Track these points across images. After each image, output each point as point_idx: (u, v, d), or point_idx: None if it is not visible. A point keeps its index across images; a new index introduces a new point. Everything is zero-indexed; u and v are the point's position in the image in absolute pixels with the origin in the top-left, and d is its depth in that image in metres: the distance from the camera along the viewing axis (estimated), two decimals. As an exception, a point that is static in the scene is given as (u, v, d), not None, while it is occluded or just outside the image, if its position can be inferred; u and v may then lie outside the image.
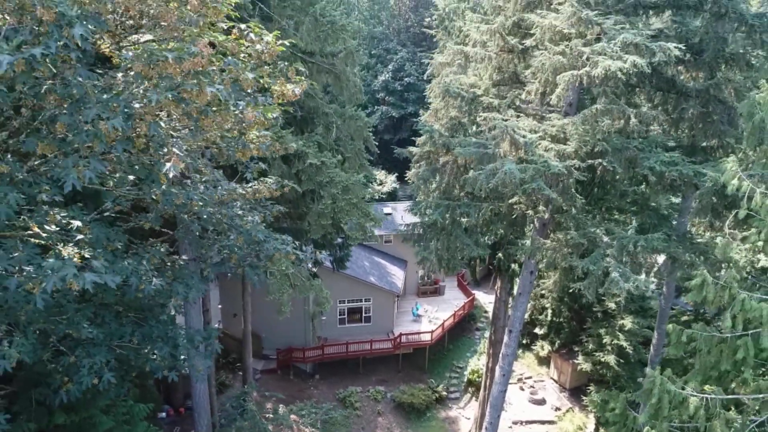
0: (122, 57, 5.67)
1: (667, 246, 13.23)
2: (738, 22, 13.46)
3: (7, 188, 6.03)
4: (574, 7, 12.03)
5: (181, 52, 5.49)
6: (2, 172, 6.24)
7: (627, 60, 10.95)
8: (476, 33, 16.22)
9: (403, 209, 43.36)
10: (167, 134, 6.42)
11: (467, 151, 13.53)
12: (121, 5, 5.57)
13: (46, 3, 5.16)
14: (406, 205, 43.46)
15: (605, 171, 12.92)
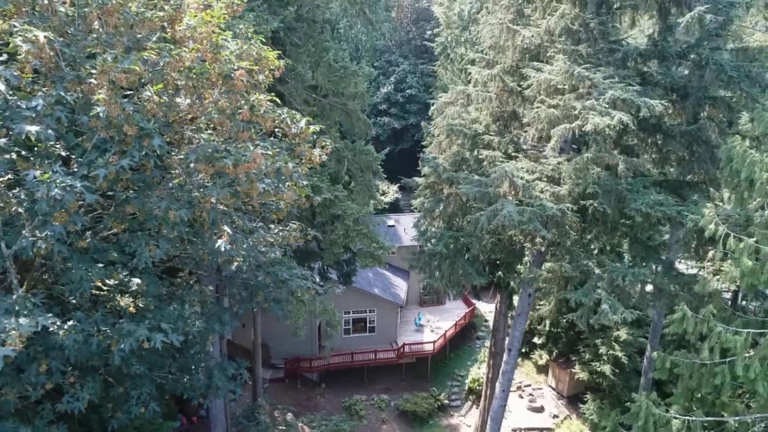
0: (187, 156, 6.87)
1: (654, 278, 14.46)
2: (718, 72, 14.65)
3: (89, 263, 7.24)
4: (566, 64, 13.24)
5: (239, 157, 6.70)
6: (83, 247, 7.45)
7: (615, 117, 12.17)
8: (478, 74, 17.44)
9: (406, 221, 44.64)
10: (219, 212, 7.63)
11: (470, 190, 14.74)
12: (188, 114, 6.77)
13: (130, 121, 6.37)
14: (409, 218, 44.74)
15: (596, 210, 14.14)
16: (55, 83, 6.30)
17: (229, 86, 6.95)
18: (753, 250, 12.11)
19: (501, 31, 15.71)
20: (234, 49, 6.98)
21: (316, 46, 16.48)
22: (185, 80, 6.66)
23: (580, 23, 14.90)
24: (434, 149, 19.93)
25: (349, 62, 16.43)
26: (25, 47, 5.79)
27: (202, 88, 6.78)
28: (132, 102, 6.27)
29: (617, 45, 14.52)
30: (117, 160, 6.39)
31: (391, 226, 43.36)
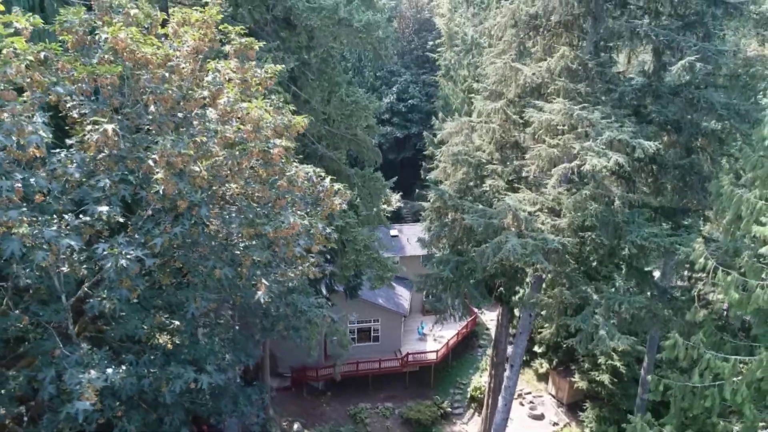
0: (228, 223, 7.77)
1: (648, 304, 15.37)
2: (709, 110, 15.56)
3: (142, 313, 8.14)
4: (565, 106, 14.15)
5: (278, 224, 7.60)
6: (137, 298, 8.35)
7: (611, 159, 13.08)
8: (482, 105, 18.36)
9: (409, 231, 45.54)
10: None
11: (475, 221, 15.64)
12: (230, 190, 7.69)
13: (183, 196, 7.27)
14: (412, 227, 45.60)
15: (594, 241, 15.05)
16: (118, 162, 7.19)
17: (267, 159, 7.86)
18: (740, 283, 13.01)
19: (504, 70, 16.61)
20: (270, 123, 7.87)
21: (329, 81, 17.39)
22: (230, 156, 7.57)
23: (578, 63, 15.81)
24: (440, 174, 20.84)
25: (360, 96, 17.35)
26: (95, 136, 6.68)
27: (244, 162, 7.70)
28: (183, 177, 7.16)
29: (614, 85, 15.43)
30: (170, 229, 7.28)
31: (395, 236, 44.24)
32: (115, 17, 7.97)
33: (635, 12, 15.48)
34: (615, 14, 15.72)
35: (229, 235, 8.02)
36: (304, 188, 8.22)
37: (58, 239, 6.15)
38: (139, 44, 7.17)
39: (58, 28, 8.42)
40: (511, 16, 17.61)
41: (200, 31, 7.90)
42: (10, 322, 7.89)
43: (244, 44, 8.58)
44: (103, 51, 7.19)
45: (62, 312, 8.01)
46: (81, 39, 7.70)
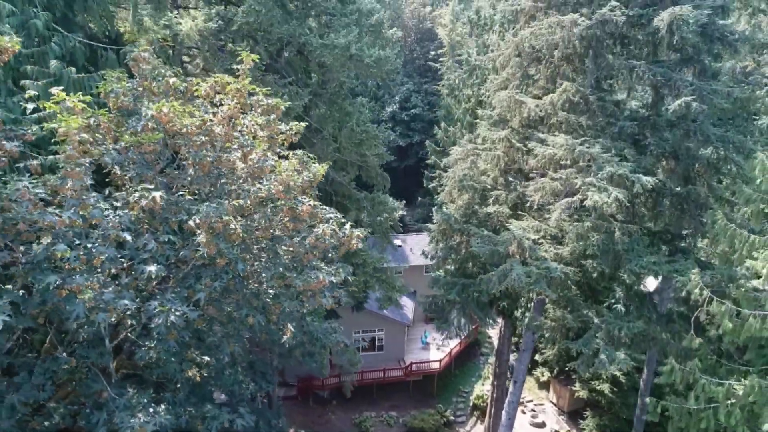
0: (260, 275, 8.48)
1: (647, 328, 16.09)
2: (705, 141, 16.25)
3: (179, 356, 8.85)
4: (567, 142, 14.87)
5: (307, 279, 8.30)
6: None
7: (611, 195, 13.80)
8: (486, 132, 19.07)
9: (412, 241, 46.24)
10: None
11: (481, 248, 16.35)
12: (261, 241, 8.40)
13: (222, 255, 7.97)
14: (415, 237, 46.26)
15: (595, 269, 15.76)
16: (162, 224, 7.89)
17: (296, 215, 8.56)
18: (734, 312, 13.72)
19: (509, 102, 17.32)
20: (298, 182, 8.60)
21: (340, 110, 18.11)
22: (263, 215, 8.28)
23: (580, 96, 16.51)
24: (446, 196, 21.55)
25: (370, 126, 18.08)
26: (144, 202, 7.38)
27: (275, 219, 8.40)
28: (221, 237, 7.87)
29: (614, 118, 16.14)
30: (211, 283, 7.98)
31: (399, 246, 44.91)
32: (155, 83, 8.69)
33: (635, 49, 16.16)
34: (615, 50, 16.42)
35: (261, 284, 8.73)
36: (328, 244, 8.94)
37: (116, 300, 6.85)
38: (180, 117, 7.88)
39: (103, 92, 9.15)
40: (515, 48, 18.33)
41: (234, 99, 8.62)
42: (60, 364, 8.60)
43: (271, 105, 9.29)
44: (146, 119, 7.90)
45: (106, 355, 8.72)
46: (125, 104, 8.42)
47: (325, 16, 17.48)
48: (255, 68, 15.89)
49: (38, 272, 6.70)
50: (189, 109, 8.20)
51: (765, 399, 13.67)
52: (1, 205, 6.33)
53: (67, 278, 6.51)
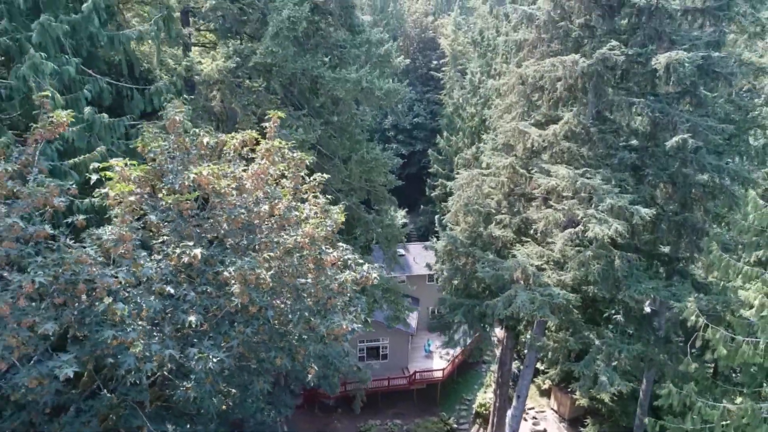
0: (287, 319, 9.20)
1: (645, 351, 16.81)
2: (701, 169, 16.95)
3: (212, 392, 9.55)
4: (569, 175, 15.59)
5: (331, 325, 9.03)
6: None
7: (612, 227, 14.52)
8: (490, 159, 19.79)
9: (415, 250, 46.98)
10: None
11: (487, 273, 17.08)
12: (288, 289, 9.14)
13: (254, 303, 8.69)
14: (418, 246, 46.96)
15: (596, 294, 16.49)
16: (199, 275, 8.61)
17: (320, 263, 9.29)
18: (728, 339, 14.44)
19: (513, 132, 18.04)
20: (322, 233, 9.33)
21: (350, 138, 18.84)
22: (290, 264, 9.01)
23: (581, 127, 17.24)
24: (451, 218, 22.29)
25: (378, 153, 18.81)
26: (185, 258, 8.10)
27: (301, 267, 9.14)
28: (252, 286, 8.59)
29: (614, 150, 16.86)
30: (243, 330, 8.70)
31: (402, 255, 45.59)
32: (188, 140, 9.44)
33: (634, 85, 16.87)
34: (615, 82, 17.13)
35: (287, 326, 9.44)
36: (350, 290, 9.66)
37: (161, 350, 7.56)
38: (217, 179, 8.60)
39: (140, 146, 9.89)
40: (518, 78, 19.05)
41: (264, 159, 9.36)
42: (103, 401, 9.33)
43: (295, 160, 10.03)
44: (188, 180, 8.63)
45: (144, 391, 9.45)
46: (162, 161, 9.16)
47: (336, 50, 18.20)
48: (270, 101, 16.65)
49: (95, 326, 7.42)
50: (223, 167, 8.93)
51: (757, 421, 14.40)
52: (63, 268, 7.05)
53: (121, 332, 7.23)
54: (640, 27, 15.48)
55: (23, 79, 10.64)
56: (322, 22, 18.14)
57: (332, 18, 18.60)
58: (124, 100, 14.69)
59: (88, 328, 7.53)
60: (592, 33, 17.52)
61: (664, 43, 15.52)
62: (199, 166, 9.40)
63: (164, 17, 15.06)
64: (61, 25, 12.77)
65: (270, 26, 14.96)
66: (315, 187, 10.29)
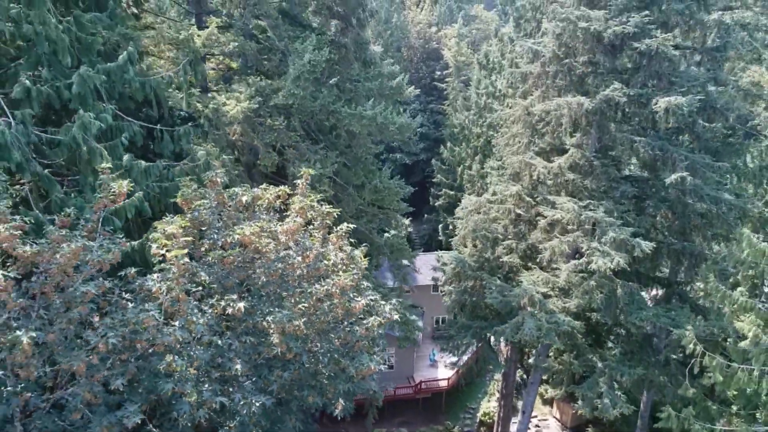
0: (318, 361, 10.09)
1: (646, 372, 17.70)
2: (699, 200, 17.77)
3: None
4: (574, 208, 16.48)
5: (360, 366, 9.91)
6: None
7: (614, 259, 15.41)
8: (497, 188, 20.68)
9: (419, 261, 47.82)
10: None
11: (495, 299, 17.97)
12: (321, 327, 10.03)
13: (291, 349, 9.57)
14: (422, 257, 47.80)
15: (598, 320, 17.37)
16: (241, 323, 9.50)
17: (348, 310, 10.17)
18: (724, 366, 15.32)
19: (520, 165, 18.94)
20: (350, 283, 10.21)
21: (364, 168, 19.73)
22: (321, 312, 9.90)
23: (585, 160, 18.13)
24: (459, 241, 23.17)
25: (391, 183, 19.71)
26: (230, 311, 8.98)
27: (332, 314, 10.03)
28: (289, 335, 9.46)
29: (616, 183, 17.74)
30: (281, 374, 9.58)
31: (407, 265, 46.46)
32: (228, 199, 10.36)
33: (635, 124, 17.75)
34: (617, 119, 18.00)
35: (318, 366, 10.32)
36: (377, 333, 10.55)
37: (213, 397, 8.43)
38: (258, 238, 9.50)
39: (180, 199, 10.77)
40: (524, 110, 19.94)
41: (298, 216, 10.26)
42: (150, 438, 10.18)
43: (323, 213, 10.95)
44: (231, 238, 9.54)
45: (189, 428, 10.33)
46: (205, 220, 10.06)
47: (351, 83, 19.08)
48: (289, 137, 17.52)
49: (153, 377, 8.31)
50: (261, 224, 9.81)
51: (752, 443, 15.29)
52: (128, 328, 7.92)
53: (179, 383, 8.10)
54: (641, 68, 16.36)
55: (73, 137, 11.49)
56: (338, 57, 19.04)
57: (347, 52, 19.50)
58: (153, 141, 15.55)
59: (147, 380, 8.42)
60: (595, 69, 18.39)
61: (664, 84, 16.41)
62: (236, 220, 10.32)
63: (191, 60, 15.97)
64: (98, 75, 13.64)
65: (291, 69, 15.83)
66: (342, 236, 11.18)
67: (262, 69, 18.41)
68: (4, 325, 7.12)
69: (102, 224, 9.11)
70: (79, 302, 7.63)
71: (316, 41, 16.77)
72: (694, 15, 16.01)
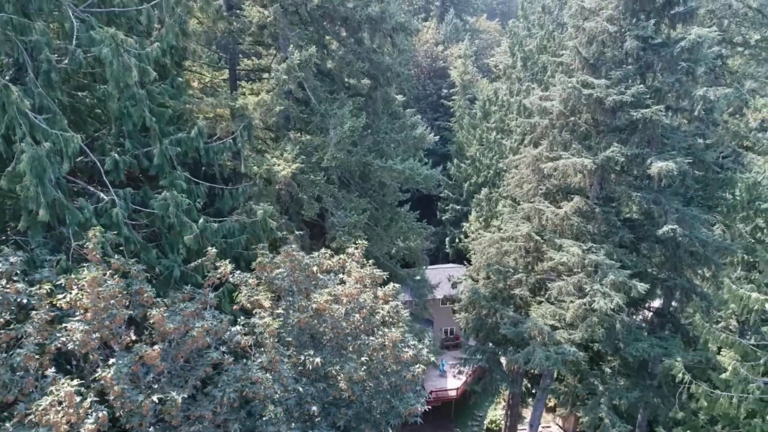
0: (375, 397, 12.47)
1: (642, 396, 20.12)
2: (690, 243, 20.14)
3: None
4: (579, 254, 18.88)
5: (408, 404, 12.28)
6: None
7: (613, 300, 17.81)
8: (508, 226, 23.09)
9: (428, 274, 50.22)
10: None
11: (508, 331, 20.38)
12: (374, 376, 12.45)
13: (354, 392, 11.97)
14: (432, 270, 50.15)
15: (600, 350, 19.78)
16: (314, 371, 11.91)
17: (398, 359, 12.54)
18: (708, 392, 17.72)
19: (530, 210, 21.34)
20: (400, 337, 12.60)
21: (391, 210, 22.16)
22: (377, 362, 12.31)
23: (588, 208, 20.53)
24: (473, 272, 25.58)
25: (414, 223, 22.15)
26: (309, 366, 11.38)
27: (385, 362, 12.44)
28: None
29: (615, 228, 20.14)
30: (346, 412, 11.96)
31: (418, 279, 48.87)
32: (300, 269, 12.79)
33: (632, 179, 20.16)
34: (616, 173, 20.42)
35: (372, 402, 12.68)
36: (420, 378, 12.92)
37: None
38: (330, 305, 11.89)
39: (258, 266, 13.16)
40: (533, 159, 22.33)
41: (357, 282, 12.68)
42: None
43: (375, 277, 13.38)
44: (308, 305, 11.95)
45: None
46: (282, 286, 12.49)
47: (380, 135, 21.48)
48: (329, 189, 19.87)
49: (265, 425, 10.65)
50: (329, 290, 12.18)
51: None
52: (242, 383, 10.29)
53: (277, 425, 10.47)
54: (637, 131, 18.75)
55: (166, 211, 13.86)
56: (369, 110, 21.45)
57: (376, 107, 21.91)
58: (215, 198, 17.93)
59: (250, 422, 10.77)
60: (597, 126, 20.79)
61: (657, 144, 18.80)
62: (307, 287, 12.74)
63: (246, 126, 18.36)
64: (174, 148, 16.02)
65: (332, 133, 18.23)
66: (389, 294, 13.56)
67: (302, 126, 20.79)
68: (155, 381, 9.49)
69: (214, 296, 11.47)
70: (208, 364, 10.01)
71: (353, 105, 19.19)
72: (684, 85, 18.38)
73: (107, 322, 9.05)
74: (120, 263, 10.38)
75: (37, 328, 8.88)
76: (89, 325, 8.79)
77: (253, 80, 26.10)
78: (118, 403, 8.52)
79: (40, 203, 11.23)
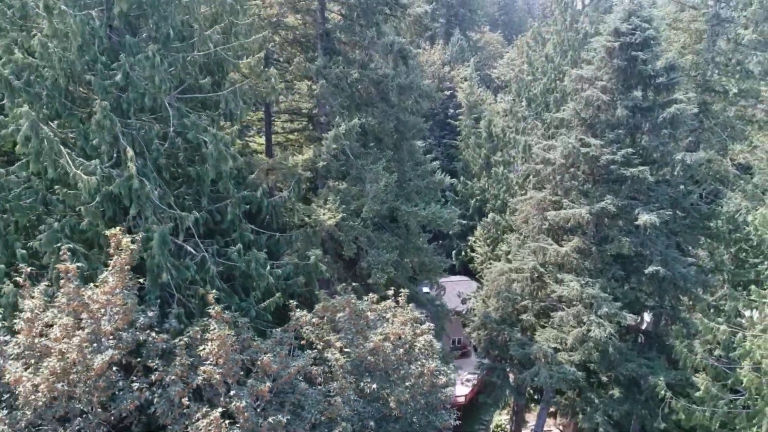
0: (415, 414, 15.90)
1: (632, 408, 23.58)
2: (673, 278, 23.54)
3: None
4: (578, 288, 22.30)
5: (442, 419, 15.65)
6: None
7: (606, 330, 21.24)
8: (516, 260, 26.56)
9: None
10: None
11: (517, 353, 23.83)
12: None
13: (399, 409, 15.38)
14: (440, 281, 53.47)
15: (596, 369, 23.22)
16: (371, 393, 15.31)
17: (434, 386, 15.93)
18: (686, 408, 21.11)
19: (535, 248, 24.80)
20: (435, 367, 16.00)
21: (414, 246, 25.59)
22: (417, 386, 15.72)
23: (585, 246, 23.96)
24: (485, 294, 29.05)
25: (433, 256, 25.62)
26: (367, 390, 14.76)
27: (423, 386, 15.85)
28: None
29: (608, 265, 23.58)
30: (395, 426, 15.36)
31: (427, 292, 52.30)
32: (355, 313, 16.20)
33: (623, 225, 23.59)
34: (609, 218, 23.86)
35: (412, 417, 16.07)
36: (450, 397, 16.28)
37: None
38: (383, 342, 15.30)
39: (320, 308, 16.59)
40: (537, 202, 25.79)
41: (401, 324, 16.12)
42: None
43: (416, 318, 16.80)
44: (365, 341, 15.36)
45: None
46: (343, 326, 15.90)
47: (406, 182, 24.91)
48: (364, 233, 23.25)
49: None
50: (382, 331, 15.60)
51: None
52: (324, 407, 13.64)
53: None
54: (626, 185, 22.27)
55: (248, 264, 17.25)
56: (396, 162, 24.89)
57: (402, 156, 25.38)
58: (270, 243, 21.35)
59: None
60: (593, 174, 24.21)
61: (644, 196, 22.26)
62: (360, 327, 16.12)
63: (296, 181, 21.80)
64: (243, 205, 19.42)
65: (368, 188, 21.67)
66: (424, 331, 16.97)
67: (338, 175, 24.21)
68: (261, 406, 12.92)
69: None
70: (299, 392, 13.45)
71: (384, 160, 22.66)
72: (666, 147, 21.85)
73: (231, 365, 12.47)
74: (229, 317, 13.80)
75: (180, 370, 12.30)
76: (221, 368, 12.20)
77: (289, 121, 29.63)
78: (246, 425, 11.92)
79: (162, 268, 14.61)
